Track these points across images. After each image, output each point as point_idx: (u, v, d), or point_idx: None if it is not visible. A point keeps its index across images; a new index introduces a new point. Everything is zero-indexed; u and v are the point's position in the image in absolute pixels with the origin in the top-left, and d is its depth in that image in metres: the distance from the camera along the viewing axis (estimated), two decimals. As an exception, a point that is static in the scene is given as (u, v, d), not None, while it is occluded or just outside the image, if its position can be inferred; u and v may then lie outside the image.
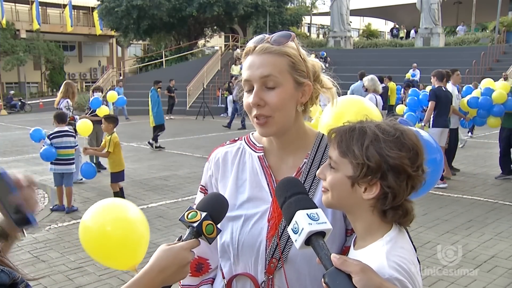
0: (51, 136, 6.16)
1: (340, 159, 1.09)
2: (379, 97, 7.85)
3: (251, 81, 1.24)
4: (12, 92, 29.30)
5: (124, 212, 1.99)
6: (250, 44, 1.28)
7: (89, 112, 8.63)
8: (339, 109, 1.87)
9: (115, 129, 6.12)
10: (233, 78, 17.31)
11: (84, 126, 6.90)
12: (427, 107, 7.34)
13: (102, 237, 1.94)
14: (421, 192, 1.34)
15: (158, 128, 11.43)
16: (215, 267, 1.43)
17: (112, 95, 9.78)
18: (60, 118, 6.40)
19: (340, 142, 1.10)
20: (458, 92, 8.17)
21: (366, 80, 7.95)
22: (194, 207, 1.41)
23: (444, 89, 7.38)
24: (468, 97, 7.89)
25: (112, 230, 1.91)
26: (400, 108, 8.76)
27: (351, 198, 1.10)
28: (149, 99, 11.46)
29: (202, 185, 1.44)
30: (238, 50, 25.14)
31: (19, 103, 26.39)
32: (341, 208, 1.17)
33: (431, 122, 7.30)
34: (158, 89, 11.71)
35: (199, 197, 1.44)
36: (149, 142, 11.46)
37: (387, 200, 1.06)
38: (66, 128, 6.41)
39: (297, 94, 1.26)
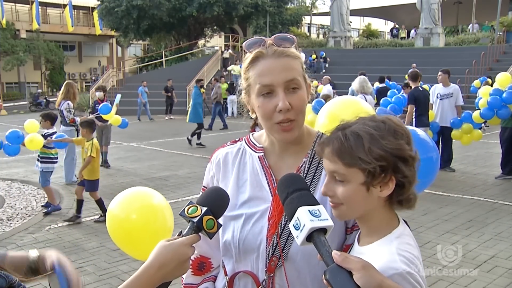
0: (52, 137, 6.31)
1: (347, 170, 1.08)
2: (369, 97, 8.00)
3: (274, 86, 1.23)
4: (39, 91, 29.72)
5: (150, 200, 2.02)
6: (248, 48, 1.28)
7: (95, 113, 8.67)
8: (335, 110, 1.88)
9: (94, 135, 5.91)
10: (213, 78, 17.32)
11: (32, 141, 6.22)
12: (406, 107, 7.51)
13: (127, 225, 1.96)
14: (418, 190, 1.35)
15: (197, 127, 11.71)
16: (217, 265, 1.44)
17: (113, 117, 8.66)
18: (53, 119, 6.62)
19: (340, 154, 1.08)
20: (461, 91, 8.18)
21: (354, 83, 8.18)
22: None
23: (421, 89, 7.52)
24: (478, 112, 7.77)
25: (137, 218, 1.94)
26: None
27: (368, 203, 1.10)
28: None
29: (204, 186, 1.45)
30: (230, 51, 25.16)
31: (44, 101, 26.50)
32: (356, 217, 1.16)
33: (413, 123, 7.37)
34: (201, 88, 11.85)
35: None
36: (187, 138, 11.84)
37: (405, 189, 1.08)
38: (55, 129, 6.65)
39: (307, 94, 1.30)
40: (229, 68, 22.75)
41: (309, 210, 1.02)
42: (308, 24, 41.27)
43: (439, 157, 2.19)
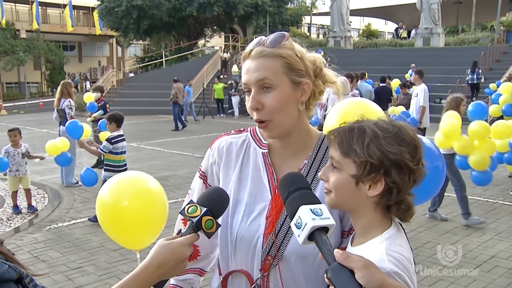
0: (113, 140, 5.50)
1: (342, 159, 1.11)
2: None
3: (249, 85, 1.26)
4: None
5: (144, 185, 1.90)
6: (247, 49, 1.29)
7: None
8: (344, 112, 1.86)
9: None
10: (172, 80, 16.94)
11: (53, 147, 6.20)
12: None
13: (117, 213, 1.88)
14: (422, 199, 1.33)
15: None
16: (204, 255, 1.45)
17: (88, 97, 9.43)
18: (119, 121, 5.64)
19: (341, 143, 1.11)
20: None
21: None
22: (190, 192, 1.42)
23: (356, 89, 7.83)
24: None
25: (129, 206, 1.85)
26: (391, 110, 8.94)
27: (356, 197, 1.11)
28: None
29: (202, 172, 1.44)
30: (228, 54, 25.18)
31: None
32: (345, 208, 1.18)
33: None
34: None
35: (196, 181, 1.45)
36: None
37: (392, 195, 1.08)
38: (122, 131, 5.71)
39: (295, 94, 1.27)
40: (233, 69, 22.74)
41: (310, 209, 1.02)
42: (308, 24, 41.27)
43: (445, 166, 2.16)
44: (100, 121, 7.60)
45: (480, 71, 16.86)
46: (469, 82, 16.78)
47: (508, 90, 7.66)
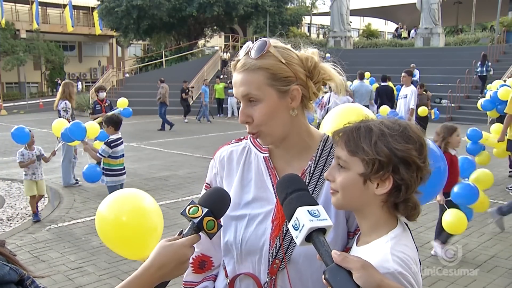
0: (112, 144, 5.35)
1: (350, 158, 1.10)
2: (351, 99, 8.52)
3: (238, 99, 1.28)
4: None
5: (139, 202, 2.05)
6: (236, 59, 1.29)
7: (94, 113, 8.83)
8: (339, 118, 1.88)
9: None
10: (159, 80, 16.83)
11: (59, 125, 6.01)
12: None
13: (117, 227, 2.01)
14: (424, 200, 1.33)
15: None
16: (218, 264, 1.45)
17: (123, 102, 9.63)
18: (117, 124, 5.50)
19: (348, 142, 1.11)
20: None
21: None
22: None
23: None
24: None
25: (127, 221, 1.98)
26: (383, 110, 9.07)
27: (363, 196, 1.11)
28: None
29: (207, 183, 1.45)
30: (228, 54, 25.20)
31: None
32: (351, 208, 1.18)
33: None
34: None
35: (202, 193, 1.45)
36: None
37: (401, 193, 1.09)
38: (120, 134, 5.54)
39: (284, 102, 1.25)
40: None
41: (308, 210, 1.02)
42: (308, 24, 41.23)
43: (446, 167, 2.15)
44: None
45: (490, 63, 17.25)
46: (479, 74, 17.21)
47: (495, 86, 7.71)
